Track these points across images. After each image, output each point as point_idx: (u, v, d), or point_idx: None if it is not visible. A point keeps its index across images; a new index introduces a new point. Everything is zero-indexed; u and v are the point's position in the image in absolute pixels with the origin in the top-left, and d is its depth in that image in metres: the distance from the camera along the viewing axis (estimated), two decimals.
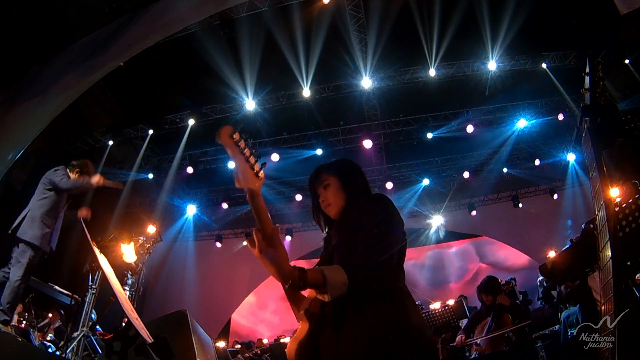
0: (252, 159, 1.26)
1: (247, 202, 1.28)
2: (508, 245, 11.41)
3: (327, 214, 1.66)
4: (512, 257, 11.33)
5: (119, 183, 4.59)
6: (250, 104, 8.69)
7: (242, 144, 1.26)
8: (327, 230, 1.72)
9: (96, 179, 4.05)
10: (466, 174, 10.60)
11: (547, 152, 10.34)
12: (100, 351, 3.52)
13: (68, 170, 4.09)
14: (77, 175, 4.12)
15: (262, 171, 1.28)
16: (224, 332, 11.52)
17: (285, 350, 1.45)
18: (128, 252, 4.34)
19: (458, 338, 4.18)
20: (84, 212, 3.98)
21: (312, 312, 1.42)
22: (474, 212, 11.28)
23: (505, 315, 4.00)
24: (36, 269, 3.83)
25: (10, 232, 3.74)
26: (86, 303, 3.93)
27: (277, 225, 1.32)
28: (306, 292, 1.50)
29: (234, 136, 1.24)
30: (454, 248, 12.11)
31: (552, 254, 7.22)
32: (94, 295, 3.91)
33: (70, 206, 4.15)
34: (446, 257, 12.00)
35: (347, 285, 1.26)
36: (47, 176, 3.95)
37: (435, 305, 6.60)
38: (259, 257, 1.26)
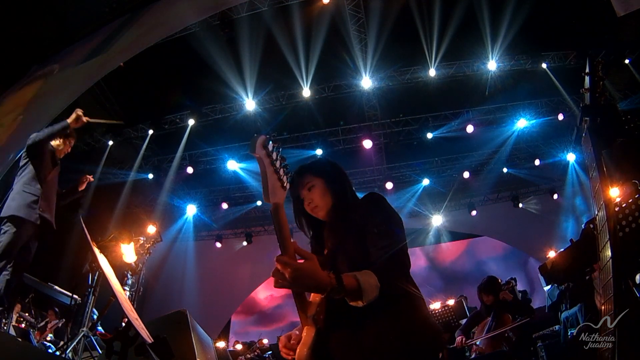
0: (281, 171, 1.25)
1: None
2: (508, 245, 11.46)
3: (315, 215, 1.64)
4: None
5: (112, 121, 4.04)
6: (250, 104, 8.69)
7: (274, 155, 1.23)
8: (311, 233, 1.70)
9: (73, 116, 3.48)
10: (466, 174, 10.59)
11: (547, 152, 10.33)
12: (100, 351, 3.52)
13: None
14: (60, 142, 3.66)
15: (287, 182, 1.27)
16: (224, 332, 11.53)
17: (297, 350, 1.41)
18: (128, 252, 4.34)
19: (458, 339, 4.17)
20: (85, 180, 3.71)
21: (320, 317, 1.40)
22: (474, 212, 11.28)
23: (505, 315, 4.01)
24: (24, 248, 3.35)
25: None
26: (86, 303, 3.92)
27: (294, 240, 1.32)
28: (311, 297, 1.48)
29: (268, 147, 1.20)
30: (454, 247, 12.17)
31: (552, 254, 7.22)
32: (94, 295, 3.90)
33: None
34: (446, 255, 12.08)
35: (379, 288, 1.26)
36: (25, 147, 3.52)
37: (435, 305, 6.60)
38: (290, 279, 1.18)
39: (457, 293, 11.05)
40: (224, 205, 11.31)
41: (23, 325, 4.98)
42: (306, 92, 8.46)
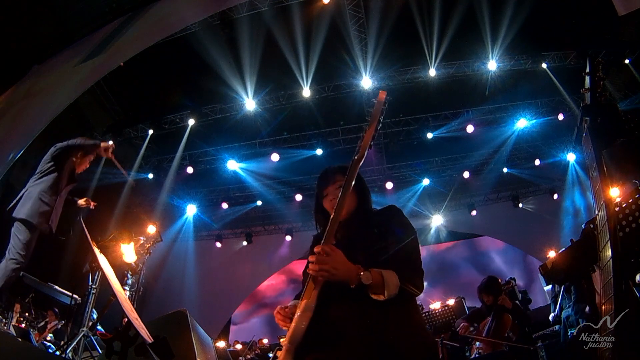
0: (377, 133, 1.47)
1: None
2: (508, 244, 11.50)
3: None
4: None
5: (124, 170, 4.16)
6: (250, 104, 8.69)
7: (383, 115, 1.48)
8: (320, 230, 1.77)
9: (107, 145, 3.72)
10: (466, 174, 10.60)
11: (547, 152, 10.33)
12: (100, 351, 3.52)
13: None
14: (80, 158, 3.78)
15: (373, 144, 1.50)
16: (224, 332, 11.54)
17: (293, 324, 1.41)
18: (128, 252, 4.33)
19: (463, 324, 4.18)
20: (83, 202, 3.83)
21: (328, 291, 1.43)
22: (474, 212, 11.28)
23: (506, 315, 4.01)
24: (32, 252, 3.47)
25: (7, 211, 3.42)
26: (86, 303, 3.92)
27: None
28: None
29: (386, 104, 1.46)
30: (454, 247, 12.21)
31: (552, 254, 7.22)
32: (94, 295, 3.90)
33: (73, 193, 3.89)
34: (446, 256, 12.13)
35: (398, 287, 1.38)
36: (50, 152, 3.61)
37: (435, 305, 6.60)
38: (329, 270, 1.35)
39: (457, 285, 11.14)
40: (224, 205, 11.32)
41: (23, 325, 4.98)
42: (306, 92, 8.46)
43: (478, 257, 11.92)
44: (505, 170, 10.59)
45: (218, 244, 12.00)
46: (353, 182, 1.49)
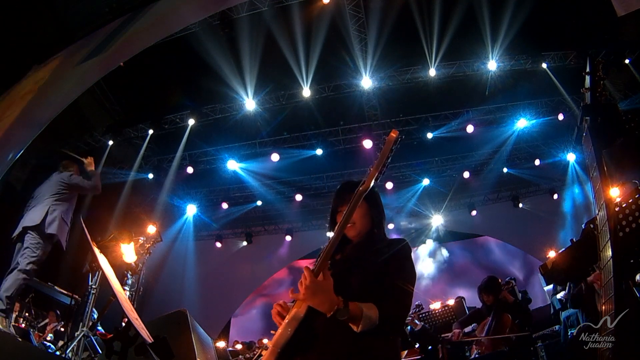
0: (384, 170, 1.48)
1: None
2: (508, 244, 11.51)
3: (345, 231, 1.72)
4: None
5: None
6: (250, 104, 8.68)
7: (393, 153, 1.49)
8: None
9: (91, 166, 4.39)
10: (466, 174, 10.60)
11: (547, 152, 10.32)
12: (100, 351, 3.51)
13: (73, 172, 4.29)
14: (78, 172, 4.37)
15: (379, 179, 1.50)
16: (224, 332, 11.54)
17: (280, 330, 1.47)
18: (128, 252, 4.32)
19: (455, 331, 4.17)
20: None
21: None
22: (474, 212, 11.28)
23: (505, 315, 4.01)
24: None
25: (30, 226, 3.77)
26: (86, 303, 3.93)
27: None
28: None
29: (397, 144, 1.48)
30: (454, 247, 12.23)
31: (552, 254, 7.22)
32: (94, 295, 3.90)
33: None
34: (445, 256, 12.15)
35: (376, 325, 1.42)
36: (64, 180, 4.11)
37: (436, 305, 6.60)
38: (306, 291, 1.39)
39: (456, 281, 11.16)
40: (224, 205, 11.31)
41: (23, 325, 4.98)
42: (306, 92, 8.45)
43: (477, 252, 11.95)
44: (505, 170, 10.58)
45: (218, 244, 11.99)
46: (349, 218, 1.51)
